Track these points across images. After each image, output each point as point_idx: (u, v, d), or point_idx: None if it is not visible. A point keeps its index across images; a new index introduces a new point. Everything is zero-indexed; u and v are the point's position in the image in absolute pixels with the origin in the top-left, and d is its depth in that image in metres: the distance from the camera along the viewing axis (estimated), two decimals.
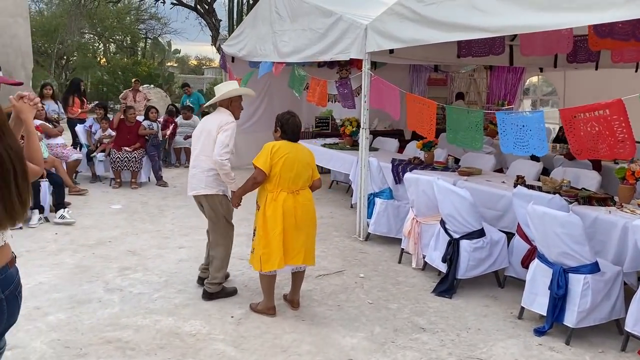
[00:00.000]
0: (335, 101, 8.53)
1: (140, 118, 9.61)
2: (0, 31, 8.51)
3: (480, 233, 4.63)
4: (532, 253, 4.42)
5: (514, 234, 4.85)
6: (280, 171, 3.93)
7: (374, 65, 8.41)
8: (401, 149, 8.55)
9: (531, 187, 5.15)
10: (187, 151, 10.06)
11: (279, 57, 7.81)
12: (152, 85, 19.40)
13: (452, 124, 5.12)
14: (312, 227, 4.12)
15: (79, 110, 9.74)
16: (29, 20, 9.25)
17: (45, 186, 6.69)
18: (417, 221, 5.23)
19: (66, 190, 7.85)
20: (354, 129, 8.14)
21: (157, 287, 4.65)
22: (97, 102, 10.34)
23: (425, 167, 6.46)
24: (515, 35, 6.71)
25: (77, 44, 24.06)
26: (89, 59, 24.82)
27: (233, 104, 4.47)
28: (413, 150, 7.71)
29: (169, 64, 33.23)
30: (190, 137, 4.21)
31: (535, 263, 4.09)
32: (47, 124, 8.41)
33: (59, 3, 24.54)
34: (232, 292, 4.51)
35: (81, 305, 4.23)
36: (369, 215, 6.09)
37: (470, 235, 4.62)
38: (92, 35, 26.97)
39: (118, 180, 8.82)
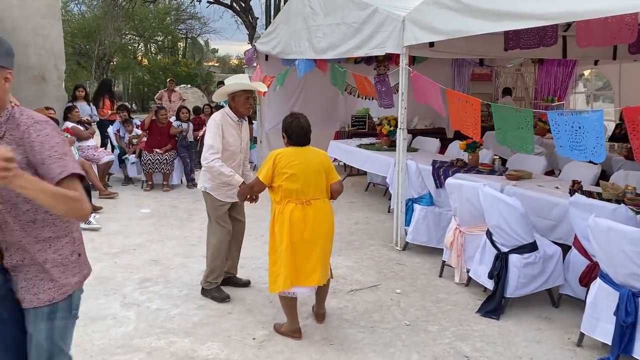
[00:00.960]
0: (372, 99, 8.07)
1: (172, 119, 9.43)
2: (33, 32, 8.42)
3: (532, 247, 4.11)
4: (592, 270, 3.90)
5: (569, 247, 4.31)
6: (284, 183, 3.55)
7: (413, 60, 7.93)
8: (443, 149, 7.98)
9: (589, 194, 4.60)
10: None
11: (315, 54, 7.42)
12: (188, 85, 19.35)
13: (500, 123, 4.62)
14: (327, 241, 3.67)
15: (110, 112, 9.62)
16: (61, 22, 9.14)
17: None
18: (460, 231, 4.74)
19: (96, 193, 7.72)
20: (392, 128, 7.64)
21: (177, 302, 4.34)
22: (119, 104, 10.19)
23: (469, 170, 5.94)
24: (568, 25, 6.11)
25: (117, 45, 24.33)
26: (127, 60, 25.07)
27: (236, 100, 4.19)
28: (456, 151, 7.16)
29: (210, 63, 33.42)
30: None
31: (598, 284, 3.56)
32: (79, 126, 8.31)
33: (96, 4, 24.87)
34: (216, 298, 4.37)
35: (94, 322, 3.95)
36: (407, 223, 5.63)
37: (520, 249, 4.11)
38: (132, 36, 27.28)
39: (150, 182, 8.65)
